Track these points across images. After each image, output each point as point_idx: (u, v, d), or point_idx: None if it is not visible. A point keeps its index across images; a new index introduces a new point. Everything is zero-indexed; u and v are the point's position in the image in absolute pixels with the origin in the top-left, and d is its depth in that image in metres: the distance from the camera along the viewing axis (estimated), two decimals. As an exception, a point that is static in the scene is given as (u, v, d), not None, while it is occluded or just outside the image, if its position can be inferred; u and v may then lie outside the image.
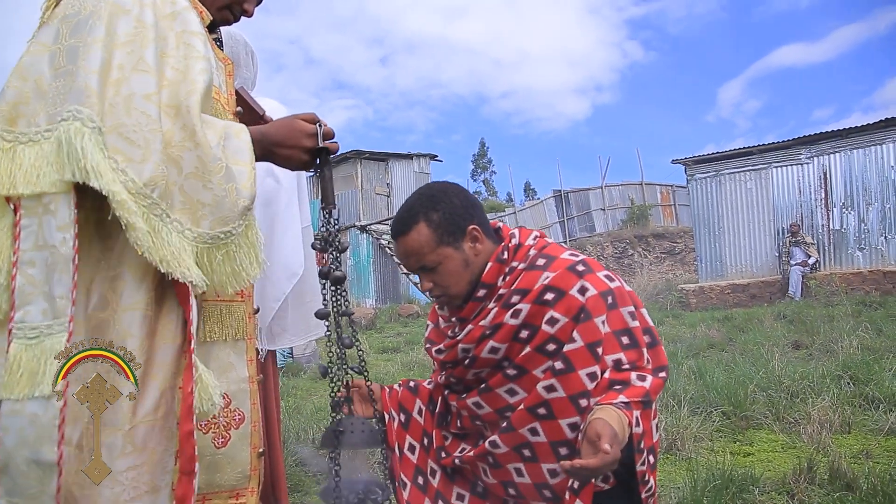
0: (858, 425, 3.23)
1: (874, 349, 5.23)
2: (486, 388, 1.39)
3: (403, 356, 7.18)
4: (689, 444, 3.01)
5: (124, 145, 0.96)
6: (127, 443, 1.01)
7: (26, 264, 0.98)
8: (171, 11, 1.11)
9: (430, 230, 1.37)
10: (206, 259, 1.03)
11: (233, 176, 1.04)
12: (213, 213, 1.02)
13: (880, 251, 10.62)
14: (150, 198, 0.97)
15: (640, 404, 1.25)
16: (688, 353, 5.98)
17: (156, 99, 1.01)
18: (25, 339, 0.97)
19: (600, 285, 1.32)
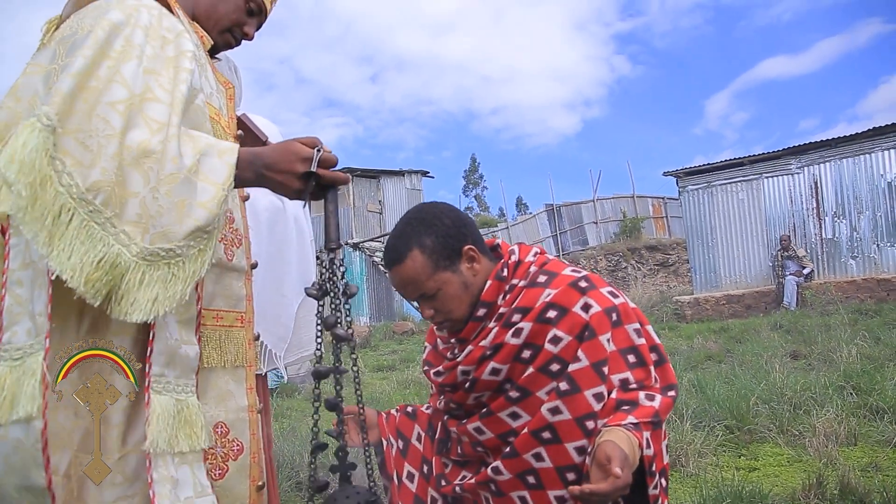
0: (864, 437, 3.18)
1: (873, 358, 5.19)
2: (487, 413, 1.32)
3: (399, 374, 7.10)
4: (693, 460, 2.95)
5: (77, 149, 0.91)
6: (117, 472, 0.97)
7: (14, 284, 0.97)
8: (166, 35, 1.09)
9: (424, 256, 1.31)
10: (137, 277, 0.92)
11: (192, 190, 0.96)
12: (155, 225, 0.93)
13: (873, 259, 10.64)
14: (92, 204, 0.90)
15: (650, 425, 1.20)
16: (686, 366, 5.93)
17: (122, 108, 0.95)
18: (11, 360, 0.95)
19: (604, 302, 1.27)
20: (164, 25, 1.11)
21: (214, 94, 1.27)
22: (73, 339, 0.98)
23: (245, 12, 1.37)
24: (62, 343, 0.97)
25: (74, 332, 0.99)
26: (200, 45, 1.25)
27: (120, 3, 1.06)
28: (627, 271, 20.43)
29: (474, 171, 50.45)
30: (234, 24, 1.36)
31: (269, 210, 1.89)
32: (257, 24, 1.42)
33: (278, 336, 1.95)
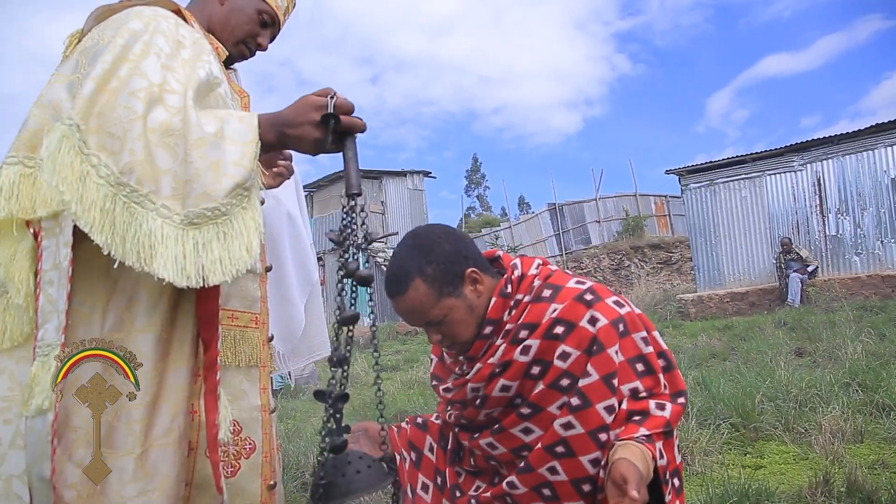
0: (871, 434, 3.16)
1: (879, 355, 5.17)
2: (499, 429, 1.32)
3: (403, 374, 7.09)
4: (698, 458, 2.94)
5: (107, 140, 0.97)
6: (138, 468, 1.00)
7: (47, 284, 1.02)
8: (182, 41, 1.15)
9: (427, 285, 1.30)
10: (191, 243, 0.96)
11: (222, 151, 1.00)
12: (196, 188, 0.97)
13: (877, 255, 10.61)
14: (128, 185, 0.95)
15: (662, 435, 1.20)
16: (690, 364, 5.91)
17: (143, 95, 1.00)
18: (42, 356, 1.00)
19: (610, 313, 1.26)
20: (180, 32, 1.17)
21: (229, 101, 1.30)
22: (97, 334, 1.02)
23: (258, 24, 1.42)
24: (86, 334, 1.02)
25: (99, 328, 1.03)
26: (215, 54, 1.29)
27: (139, 14, 1.13)
28: (630, 270, 20.40)
29: (476, 171, 50.48)
30: (247, 35, 1.41)
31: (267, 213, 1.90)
32: (271, 35, 1.47)
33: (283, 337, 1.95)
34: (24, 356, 1.02)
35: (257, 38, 1.43)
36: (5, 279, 1.08)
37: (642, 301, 13.50)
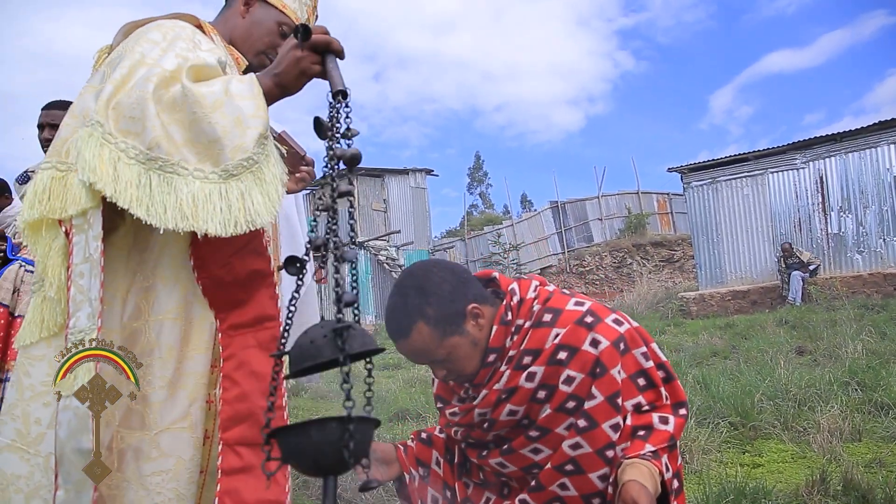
0: (869, 433, 3.18)
1: (879, 353, 5.18)
2: (509, 450, 1.35)
3: (405, 373, 7.12)
4: (697, 456, 2.96)
5: (130, 125, 1.05)
6: (152, 448, 1.08)
7: (77, 276, 1.10)
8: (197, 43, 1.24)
9: (430, 328, 1.30)
10: (235, 193, 1.05)
11: (238, 108, 1.08)
12: (226, 144, 1.05)
13: (879, 254, 10.61)
14: (159, 159, 1.04)
15: (667, 449, 1.24)
16: (691, 362, 5.93)
17: (155, 79, 1.08)
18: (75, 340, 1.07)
19: (611, 334, 1.29)
20: (196, 38, 1.26)
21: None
22: (117, 323, 1.11)
23: (278, 35, 1.48)
24: (107, 322, 1.10)
25: (119, 317, 1.12)
26: (234, 65, 1.38)
27: (159, 26, 1.23)
28: (632, 267, 20.41)
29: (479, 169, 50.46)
30: (267, 46, 1.47)
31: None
32: None
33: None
34: (60, 344, 1.09)
35: (277, 48, 1.47)
36: (42, 274, 1.16)
37: (644, 299, 13.50)
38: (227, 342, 1.14)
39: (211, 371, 1.15)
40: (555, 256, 21.44)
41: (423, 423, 4.27)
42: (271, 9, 1.47)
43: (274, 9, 1.47)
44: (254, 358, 1.13)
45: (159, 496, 1.07)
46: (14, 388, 1.16)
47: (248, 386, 1.11)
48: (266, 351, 1.15)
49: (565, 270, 20.98)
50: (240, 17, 1.46)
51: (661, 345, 7.25)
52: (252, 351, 1.14)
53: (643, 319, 11.38)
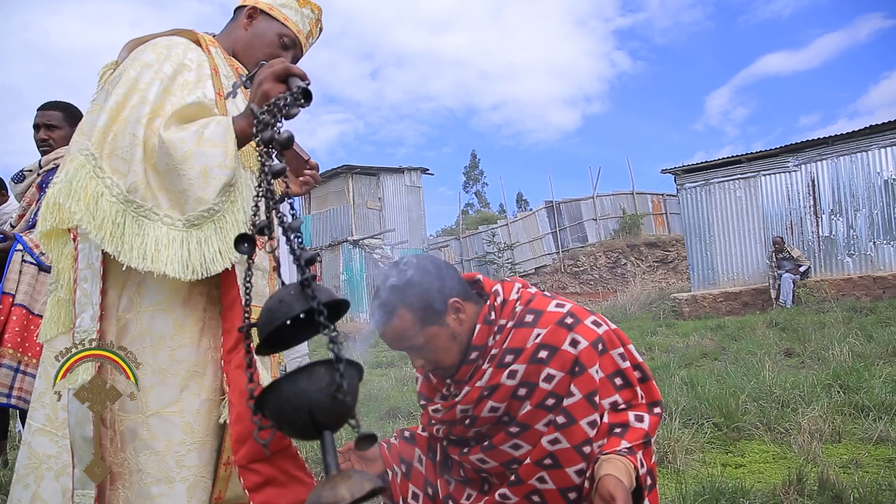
0: (849, 434, 3.24)
1: (865, 356, 5.25)
2: (489, 446, 1.40)
3: (397, 371, 7.18)
4: (679, 457, 3.01)
5: (119, 164, 1.16)
6: (144, 430, 1.17)
7: (82, 280, 1.21)
8: (187, 65, 1.33)
9: (411, 314, 1.37)
10: (194, 241, 1.14)
11: (205, 158, 1.15)
12: (190, 195, 1.14)
13: (870, 257, 10.71)
14: (135, 202, 1.14)
15: (642, 445, 1.30)
16: (680, 364, 5.99)
17: (144, 122, 1.18)
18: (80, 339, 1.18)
19: (590, 334, 1.34)
20: (188, 56, 1.34)
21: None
22: (112, 316, 1.21)
23: (279, 46, 1.55)
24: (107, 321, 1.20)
25: (115, 310, 1.21)
26: (233, 75, 1.46)
27: (154, 46, 1.31)
28: (627, 268, 20.48)
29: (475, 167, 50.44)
30: (267, 56, 1.52)
31: None
32: (293, 57, 1.59)
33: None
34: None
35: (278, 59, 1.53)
36: (56, 276, 1.28)
37: (637, 300, 13.56)
38: (226, 368, 1.21)
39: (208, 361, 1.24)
40: (549, 256, 21.50)
41: (414, 421, 4.32)
42: (273, 21, 1.55)
43: (276, 21, 1.55)
44: (240, 379, 1.17)
45: (148, 476, 1.15)
46: (42, 378, 1.29)
47: (241, 407, 1.16)
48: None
49: (560, 270, 21.04)
50: (243, 29, 1.54)
51: (652, 346, 7.32)
52: (238, 372, 1.18)
53: (635, 320, 11.45)
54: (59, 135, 2.74)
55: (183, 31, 1.43)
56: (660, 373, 5.26)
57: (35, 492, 1.21)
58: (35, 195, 2.73)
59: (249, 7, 1.55)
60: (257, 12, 1.54)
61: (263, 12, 1.54)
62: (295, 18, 1.57)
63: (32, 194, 2.75)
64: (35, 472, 1.23)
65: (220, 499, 1.22)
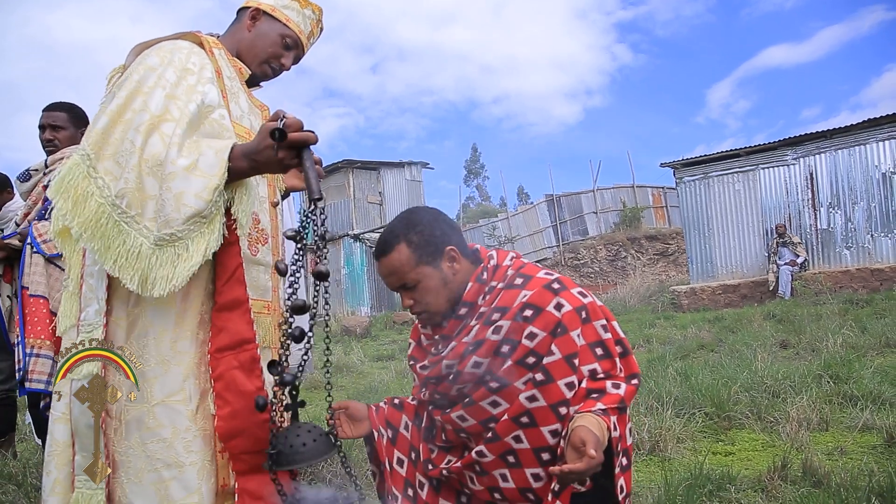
0: (836, 423, 3.31)
1: (858, 347, 5.32)
2: (470, 402, 1.46)
3: (398, 364, 7.25)
4: (671, 444, 3.09)
5: (114, 167, 1.20)
6: (151, 418, 1.23)
7: (88, 276, 1.29)
8: (190, 68, 1.37)
9: (409, 250, 1.46)
10: (155, 259, 1.17)
11: (187, 183, 1.18)
12: (162, 215, 1.18)
13: (867, 249, 10.76)
14: (120, 207, 1.18)
15: (617, 410, 1.35)
16: (677, 355, 6.05)
17: (143, 129, 1.22)
18: (85, 332, 1.27)
19: (574, 301, 1.41)
20: (191, 60, 1.38)
21: (246, 116, 1.52)
22: (123, 311, 1.27)
23: (281, 46, 1.61)
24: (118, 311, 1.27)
25: (125, 307, 1.27)
26: (236, 75, 1.52)
27: (158, 50, 1.37)
28: (627, 261, 20.52)
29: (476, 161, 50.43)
30: (270, 56, 1.60)
31: None
32: (294, 56, 1.65)
33: None
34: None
35: (280, 59, 1.62)
36: (69, 272, 1.36)
37: (637, 292, 13.62)
38: (216, 364, 1.27)
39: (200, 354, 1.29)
40: (550, 249, 21.56)
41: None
42: (276, 22, 1.60)
43: (278, 22, 1.60)
44: (238, 378, 1.26)
45: (158, 461, 1.21)
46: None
47: (237, 404, 1.25)
48: (247, 371, 1.28)
49: (560, 263, 21.10)
50: (246, 30, 1.59)
51: (650, 338, 7.37)
52: (236, 372, 1.26)
53: (635, 312, 11.51)
54: (64, 135, 2.80)
55: (187, 35, 1.48)
56: (655, 364, 5.34)
57: (56, 478, 1.28)
58: (41, 194, 2.80)
59: (253, 8, 1.60)
60: (260, 14, 1.60)
61: (266, 14, 1.60)
62: (297, 19, 1.62)
63: (38, 193, 2.82)
64: (56, 459, 1.29)
65: (225, 486, 1.28)
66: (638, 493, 2.37)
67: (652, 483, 2.51)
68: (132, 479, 1.22)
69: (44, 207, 2.73)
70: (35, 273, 2.57)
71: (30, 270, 2.58)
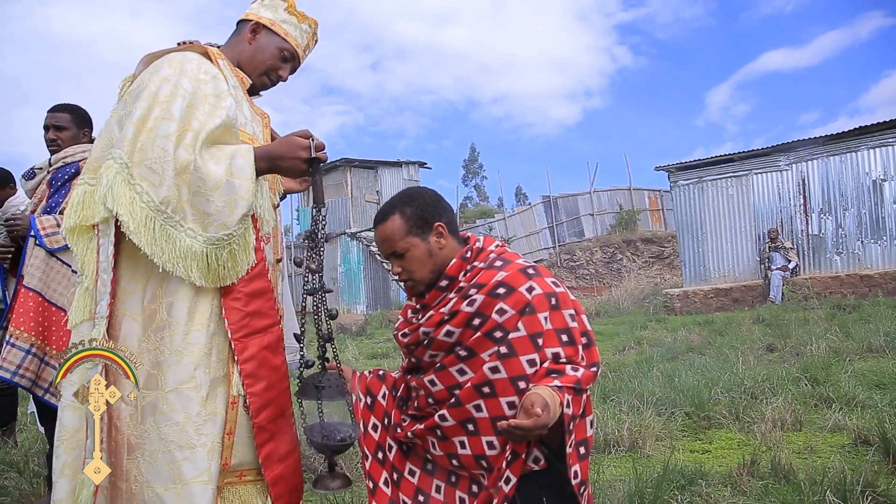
0: (810, 423, 3.43)
1: (840, 351, 5.43)
2: (440, 367, 1.60)
3: (392, 362, 7.34)
4: (650, 442, 3.20)
5: (148, 173, 1.33)
6: (164, 403, 1.36)
7: (102, 271, 1.38)
8: (203, 78, 1.49)
9: (402, 220, 1.63)
10: (213, 257, 1.37)
11: (233, 189, 1.38)
12: (217, 220, 1.36)
13: (857, 255, 10.90)
14: (165, 213, 1.33)
15: (572, 390, 1.46)
16: (665, 357, 6.16)
17: (174, 138, 1.36)
18: (101, 324, 1.37)
19: (546, 287, 1.54)
20: (203, 70, 1.51)
21: (249, 123, 1.65)
22: (139, 304, 1.40)
23: (280, 59, 1.74)
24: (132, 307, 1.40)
25: (140, 301, 1.41)
26: (238, 85, 1.65)
27: (169, 61, 1.49)
28: (623, 263, 20.65)
29: (474, 161, 50.51)
30: (269, 68, 1.73)
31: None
32: (291, 68, 1.79)
33: None
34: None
35: (278, 70, 1.76)
36: (82, 269, 1.46)
37: (631, 295, 13.74)
38: (243, 347, 1.43)
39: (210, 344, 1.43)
40: (546, 251, 21.69)
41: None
42: (275, 36, 1.73)
43: (277, 36, 1.73)
44: (269, 356, 1.48)
45: (171, 443, 1.34)
46: None
47: (271, 378, 1.47)
48: (273, 350, 1.49)
49: (556, 265, 21.23)
50: (247, 43, 1.72)
51: (640, 340, 7.46)
52: (265, 352, 1.47)
53: (628, 315, 11.64)
54: (67, 135, 2.90)
55: (193, 46, 1.60)
56: (642, 365, 5.46)
57: (65, 461, 1.39)
58: (45, 191, 2.88)
59: (253, 22, 1.72)
60: (260, 27, 1.72)
61: (266, 28, 1.72)
62: (294, 33, 1.75)
63: (42, 191, 2.91)
64: (65, 444, 1.40)
65: (226, 465, 1.42)
66: (611, 486, 2.49)
67: (627, 477, 2.62)
68: (147, 460, 1.33)
69: (48, 205, 2.82)
70: (33, 266, 2.63)
71: (29, 262, 2.64)
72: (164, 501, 1.32)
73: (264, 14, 1.72)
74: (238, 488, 1.45)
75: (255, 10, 1.73)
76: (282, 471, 1.46)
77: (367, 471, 1.69)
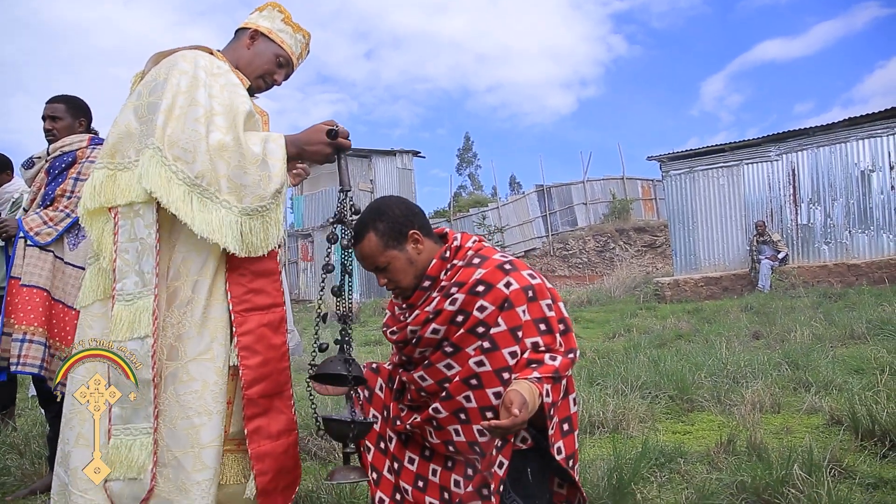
0: (788, 406, 3.55)
1: (823, 338, 5.56)
2: (428, 364, 1.69)
3: (385, 349, 7.43)
4: (633, 424, 3.31)
5: (182, 153, 1.45)
6: (184, 373, 1.47)
7: (123, 251, 1.48)
8: (216, 72, 1.63)
9: (377, 237, 1.69)
10: (247, 227, 1.49)
11: (267, 167, 1.51)
12: (253, 192, 1.49)
13: (845, 245, 11.06)
14: (201, 186, 1.45)
15: (551, 379, 1.56)
16: (653, 344, 6.28)
17: (204, 120, 1.49)
18: (124, 301, 1.48)
19: (523, 281, 1.62)
20: (216, 65, 1.66)
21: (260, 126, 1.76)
22: (163, 284, 1.50)
23: (275, 64, 1.88)
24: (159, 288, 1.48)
25: (165, 279, 1.51)
26: (241, 85, 1.73)
27: (184, 57, 1.61)
28: (615, 252, 20.80)
29: (468, 150, 50.48)
30: (265, 73, 1.87)
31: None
32: (285, 73, 1.93)
33: None
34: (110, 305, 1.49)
35: (273, 75, 1.89)
36: (97, 250, 1.54)
37: (623, 283, 13.86)
38: (242, 321, 1.53)
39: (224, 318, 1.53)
40: (539, 239, 21.81)
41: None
42: (272, 43, 1.86)
43: (274, 43, 1.86)
44: (268, 333, 1.57)
45: (191, 409, 1.44)
46: (79, 339, 1.56)
47: (268, 354, 1.56)
48: (274, 329, 1.59)
49: (549, 253, 21.36)
50: (245, 48, 1.85)
51: (630, 327, 7.58)
52: (265, 329, 1.56)
53: (619, 303, 11.77)
54: (63, 125, 2.97)
55: (201, 47, 1.73)
56: (630, 351, 5.57)
57: (79, 432, 1.48)
58: (44, 180, 2.95)
59: (252, 30, 1.86)
60: (259, 35, 1.86)
61: (264, 35, 1.86)
62: (290, 42, 1.89)
63: (41, 179, 2.97)
64: (78, 415, 1.49)
65: (226, 432, 1.52)
66: (592, 463, 2.59)
67: (607, 455, 2.72)
68: (168, 426, 1.44)
69: (46, 193, 2.88)
70: (29, 265, 2.69)
71: (22, 262, 2.70)
72: (182, 464, 1.42)
73: (262, 23, 1.86)
74: (236, 456, 1.55)
75: (254, 19, 1.87)
76: (271, 448, 1.53)
77: (370, 462, 1.77)
